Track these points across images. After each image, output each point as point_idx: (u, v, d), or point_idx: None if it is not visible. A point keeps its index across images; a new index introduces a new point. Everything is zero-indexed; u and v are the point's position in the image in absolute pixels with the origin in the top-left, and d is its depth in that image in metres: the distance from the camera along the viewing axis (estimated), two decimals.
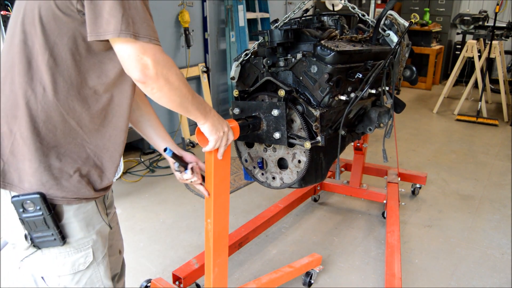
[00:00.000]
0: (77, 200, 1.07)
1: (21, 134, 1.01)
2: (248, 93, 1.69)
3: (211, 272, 1.59)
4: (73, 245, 1.09)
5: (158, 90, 1.01)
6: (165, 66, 1.00)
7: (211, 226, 1.50)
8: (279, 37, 1.57)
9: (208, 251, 1.56)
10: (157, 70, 0.98)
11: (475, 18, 5.90)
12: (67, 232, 1.07)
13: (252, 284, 2.04)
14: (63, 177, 1.05)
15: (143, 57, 0.96)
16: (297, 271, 2.24)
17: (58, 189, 1.04)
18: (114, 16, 0.92)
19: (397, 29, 2.04)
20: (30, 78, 0.99)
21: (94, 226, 1.13)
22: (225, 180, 1.48)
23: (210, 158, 1.39)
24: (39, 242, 1.05)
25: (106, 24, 0.93)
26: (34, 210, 1.01)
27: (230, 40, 4.64)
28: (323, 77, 1.53)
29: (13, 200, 1.01)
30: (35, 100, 1.00)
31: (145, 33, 0.96)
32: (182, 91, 1.06)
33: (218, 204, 1.48)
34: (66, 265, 1.10)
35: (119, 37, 0.93)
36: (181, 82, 1.05)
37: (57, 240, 1.05)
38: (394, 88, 1.94)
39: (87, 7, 0.94)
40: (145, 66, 0.96)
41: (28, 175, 1.02)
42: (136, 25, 0.94)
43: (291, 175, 1.69)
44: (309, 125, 1.56)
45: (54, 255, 1.08)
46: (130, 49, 0.95)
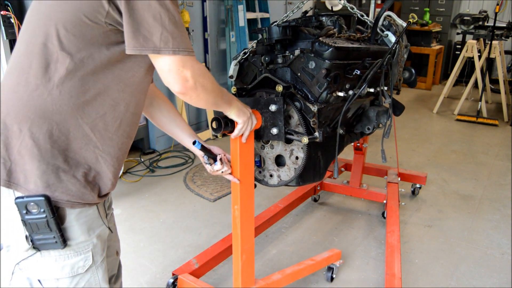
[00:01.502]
0: (80, 205, 1.07)
1: (32, 135, 1.00)
2: (246, 90, 1.69)
3: (239, 259, 1.61)
4: (73, 248, 1.09)
5: (196, 97, 1.09)
6: (201, 75, 1.06)
7: (238, 212, 1.54)
8: (277, 34, 1.57)
9: (236, 238, 1.59)
10: (196, 81, 1.04)
11: (475, 18, 5.90)
12: (68, 235, 1.07)
13: (277, 275, 2.06)
14: (70, 181, 1.05)
15: (183, 71, 1.02)
16: (319, 264, 2.28)
17: (63, 192, 1.04)
18: (153, 34, 0.96)
19: (396, 30, 2.04)
20: (47, 81, 0.99)
21: (94, 229, 1.13)
22: (250, 165, 1.56)
23: (235, 144, 1.49)
24: (39, 244, 1.04)
25: (144, 41, 0.97)
26: (37, 212, 1.01)
27: (230, 40, 4.64)
28: (320, 72, 1.53)
29: (17, 202, 1.01)
30: (51, 103, 1.00)
31: (183, 46, 1.00)
32: (215, 93, 1.16)
33: (244, 189, 1.56)
34: (65, 268, 1.09)
35: (160, 54, 0.98)
36: (214, 85, 1.14)
37: (59, 243, 1.05)
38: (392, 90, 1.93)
39: (125, 21, 0.97)
40: (185, 79, 1.02)
41: (34, 176, 1.02)
42: (175, 40, 0.98)
43: (289, 172, 1.68)
44: (307, 121, 1.56)
45: (53, 257, 1.08)
46: (171, 64, 1.00)
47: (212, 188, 3.41)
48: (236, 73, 1.82)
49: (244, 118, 1.41)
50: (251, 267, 1.70)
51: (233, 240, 1.62)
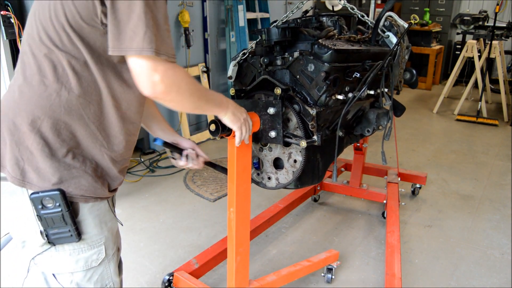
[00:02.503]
0: (93, 199, 1.11)
1: (42, 134, 1.03)
2: (244, 92, 1.69)
3: (233, 260, 1.63)
4: (87, 242, 1.12)
5: (170, 102, 1.07)
6: (175, 81, 1.03)
7: (233, 215, 1.55)
8: (276, 36, 1.57)
9: (230, 240, 1.61)
10: (166, 86, 1.01)
11: (475, 18, 5.90)
12: (82, 228, 1.10)
13: (272, 276, 2.06)
14: (83, 176, 1.08)
15: (154, 74, 0.99)
16: (315, 266, 2.27)
17: (77, 187, 1.07)
18: (137, 32, 0.95)
19: (397, 30, 2.04)
20: (55, 82, 1.03)
21: (106, 223, 1.16)
22: (247, 168, 1.56)
23: (232, 147, 1.48)
24: (55, 239, 1.07)
25: (129, 40, 0.96)
26: (53, 206, 1.04)
27: (230, 40, 4.64)
28: (320, 75, 1.53)
29: (32, 197, 1.04)
30: (59, 103, 1.03)
31: (165, 50, 0.99)
32: (195, 98, 1.12)
33: (240, 192, 1.55)
34: (80, 261, 1.12)
35: (141, 54, 0.97)
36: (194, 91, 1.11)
37: (74, 236, 1.07)
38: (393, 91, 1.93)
39: (110, 22, 0.96)
40: (154, 83, 1.00)
41: (48, 174, 1.05)
42: (158, 41, 0.97)
43: (287, 175, 1.68)
44: (306, 124, 1.56)
45: (68, 252, 1.10)
46: (143, 66, 0.99)
47: (212, 188, 3.41)
48: (235, 74, 1.82)
49: (238, 124, 1.37)
50: (246, 268, 1.72)
51: (228, 242, 1.64)
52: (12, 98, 1.06)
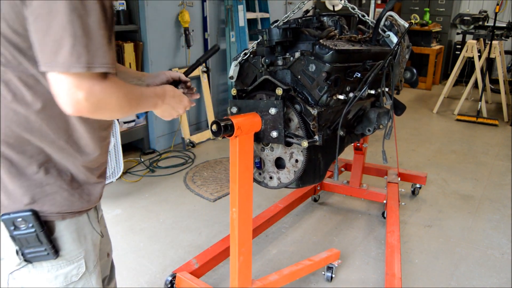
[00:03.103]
0: (70, 214, 1.05)
1: (6, 155, 0.97)
2: (246, 92, 1.69)
3: (236, 260, 1.63)
4: (65, 258, 1.06)
5: (97, 117, 0.98)
6: (102, 98, 0.91)
7: (236, 215, 1.55)
8: (277, 36, 1.57)
9: (233, 240, 1.61)
10: (91, 104, 0.89)
11: (475, 18, 5.90)
12: (59, 245, 1.05)
13: (274, 275, 2.06)
14: (57, 192, 1.02)
15: (77, 92, 0.87)
16: (317, 265, 2.27)
17: (52, 205, 1.01)
18: (62, 47, 0.83)
19: (397, 30, 2.04)
20: (11, 100, 0.94)
21: (85, 236, 1.11)
22: (249, 168, 1.56)
23: (234, 147, 1.48)
24: (31, 257, 1.02)
25: (53, 55, 0.83)
26: (26, 227, 0.98)
27: (230, 40, 4.64)
28: (321, 75, 1.53)
29: (3, 219, 0.98)
30: (17, 121, 0.95)
31: (99, 62, 0.87)
32: (125, 110, 0.99)
33: (243, 192, 1.56)
34: (59, 277, 1.07)
35: (68, 71, 0.84)
36: (125, 103, 0.98)
37: (50, 254, 1.02)
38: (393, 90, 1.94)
39: (31, 32, 0.85)
40: (77, 101, 0.88)
41: (19, 195, 0.99)
42: (89, 55, 0.85)
43: (289, 174, 1.69)
44: (307, 124, 1.56)
45: (46, 268, 1.05)
46: (66, 84, 0.86)
47: (212, 188, 3.41)
48: (236, 74, 1.82)
49: (170, 117, 1.27)
50: (248, 268, 1.72)
51: (231, 242, 1.64)
52: None
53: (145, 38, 3.83)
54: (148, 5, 3.77)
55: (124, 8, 3.72)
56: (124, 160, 3.72)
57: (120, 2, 3.69)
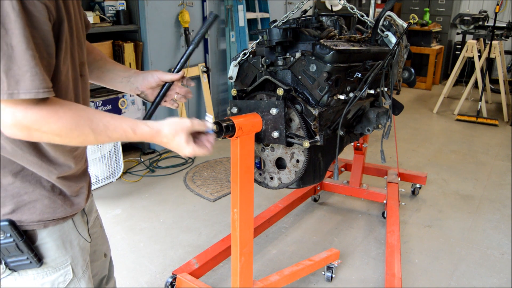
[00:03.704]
0: (54, 222, 1.02)
1: None
2: (246, 93, 1.69)
3: (237, 261, 1.63)
4: (51, 265, 1.04)
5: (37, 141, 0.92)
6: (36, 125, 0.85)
7: (237, 216, 1.56)
8: (277, 36, 1.57)
9: (235, 240, 1.62)
10: (21, 129, 0.85)
11: (475, 18, 5.90)
12: (43, 253, 1.02)
13: (275, 276, 2.07)
14: (38, 200, 0.99)
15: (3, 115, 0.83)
16: (317, 265, 2.28)
17: (32, 213, 0.99)
18: None
19: (396, 30, 2.04)
20: None
21: (71, 242, 1.08)
22: (250, 169, 1.56)
23: (235, 147, 1.48)
24: (14, 266, 1.00)
25: None
26: (4, 237, 0.96)
27: (230, 40, 4.64)
28: (322, 76, 1.53)
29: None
30: None
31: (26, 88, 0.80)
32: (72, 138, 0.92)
33: (244, 193, 1.56)
34: (46, 284, 1.05)
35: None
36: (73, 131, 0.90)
37: (33, 263, 1.00)
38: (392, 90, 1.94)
39: None
40: (5, 125, 0.84)
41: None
42: (12, 82, 0.79)
43: (289, 175, 1.69)
44: (308, 124, 1.56)
45: (31, 276, 1.03)
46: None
47: (212, 188, 3.41)
48: (235, 74, 1.82)
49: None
50: (250, 269, 1.72)
51: (232, 243, 1.64)
52: None
53: (145, 38, 3.83)
54: (148, 5, 3.77)
55: (124, 8, 3.72)
56: (124, 160, 3.72)
57: (120, 2, 3.70)
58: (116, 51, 3.68)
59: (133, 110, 3.84)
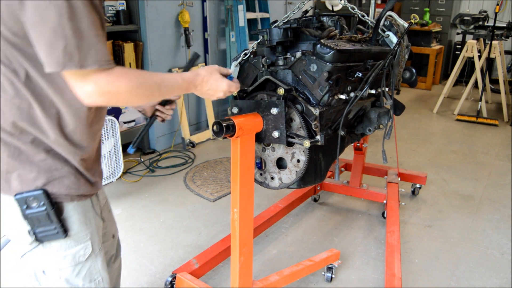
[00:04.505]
0: (77, 197, 1.14)
1: (16, 143, 1.06)
2: (247, 92, 1.69)
3: (237, 261, 1.63)
4: (73, 238, 1.14)
5: (115, 105, 1.09)
6: (111, 88, 0.99)
7: (237, 216, 1.56)
8: (278, 36, 1.57)
9: (234, 240, 1.62)
10: (101, 95, 0.99)
11: (475, 18, 5.90)
12: (68, 225, 1.13)
13: (275, 276, 2.06)
14: (65, 176, 1.11)
15: (85, 85, 0.97)
16: (317, 265, 2.28)
17: (61, 187, 1.10)
18: (56, 47, 0.91)
19: (397, 30, 2.04)
20: (14, 96, 1.02)
21: (91, 220, 1.19)
22: (250, 169, 1.56)
23: (236, 147, 1.48)
24: (42, 236, 1.10)
25: (48, 56, 0.92)
26: (37, 206, 1.07)
27: (230, 40, 4.64)
28: (322, 75, 1.53)
29: (16, 198, 1.06)
30: (20, 115, 1.04)
31: (92, 60, 0.95)
32: (143, 95, 1.08)
33: (244, 193, 1.56)
34: (67, 257, 1.15)
35: (64, 70, 0.93)
36: (141, 88, 1.05)
37: (60, 233, 1.10)
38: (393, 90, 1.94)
39: (31, 36, 0.93)
40: (88, 94, 0.98)
41: (31, 180, 1.07)
42: (82, 53, 0.93)
43: (290, 175, 1.69)
44: (309, 124, 1.56)
45: (55, 248, 1.13)
46: (73, 79, 0.97)
47: (212, 188, 3.41)
48: (236, 74, 1.82)
49: (213, 98, 1.34)
50: (249, 269, 1.72)
51: (232, 243, 1.64)
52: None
53: (145, 38, 3.82)
54: (148, 5, 3.77)
55: (124, 8, 3.72)
56: (124, 160, 3.72)
57: (120, 2, 3.69)
58: (116, 51, 3.68)
59: (133, 110, 3.84)
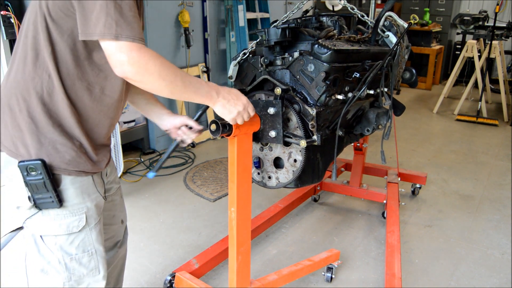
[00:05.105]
0: (76, 172, 1.23)
1: (30, 114, 1.17)
2: (245, 92, 1.69)
3: (234, 260, 1.63)
4: (69, 209, 1.24)
5: (140, 83, 1.14)
6: (141, 60, 1.10)
7: (234, 215, 1.56)
8: (276, 36, 1.57)
9: (232, 239, 1.62)
10: (133, 66, 1.09)
11: (475, 18, 5.90)
12: (64, 197, 1.22)
13: (274, 275, 2.06)
14: (67, 152, 1.20)
15: (120, 54, 1.08)
16: (317, 265, 2.27)
17: (61, 161, 1.20)
18: (99, 19, 1.06)
19: (397, 30, 2.04)
20: (38, 67, 1.16)
21: (89, 195, 1.27)
22: (247, 168, 1.57)
23: (233, 147, 1.49)
24: (39, 203, 1.20)
25: (93, 26, 1.07)
26: (36, 174, 1.17)
27: (230, 40, 4.65)
28: (319, 75, 1.53)
29: (19, 165, 1.17)
30: (41, 86, 1.16)
31: (127, 34, 1.08)
32: (166, 81, 1.16)
33: (241, 192, 1.56)
34: (62, 226, 1.24)
35: (103, 38, 1.07)
36: (164, 73, 1.14)
37: (55, 202, 1.20)
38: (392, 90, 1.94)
39: (77, 10, 1.09)
40: (121, 62, 1.09)
41: (35, 149, 1.18)
42: (119, 27, 1.07)
43: (287, 174, 1.69)
44: (306, 124, 1.56)
45: (52, 216, 1.23)
46: (110, 48, 1.09)
47: (212, 188, 3.42)
48: (235, 74, 1.82)
49: (231, 117, 1.35)
50: (247, 268, 1.72)
51: (229, 242, 1.64)
52: (6, 84, 1.22)
53: (145, 38, 3.82)
54: (148, 5, 3.77)
55: None
56: (124, 160, 3.72)
57: None
58: None
59: (133, 110, 3.84)
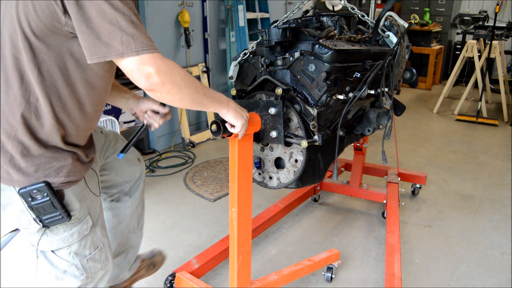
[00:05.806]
0: (74, 182, 1.23)
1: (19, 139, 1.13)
2: (245, 92, 1.69)
3: (235, 260, 1.63)
4: (76, 217, 1.24)
5: (167, 94, 1.11)
6: (167, 70, 1.08)
7: (235, 215, 1.57)
8: (277, 36, 1.57)
9: (232, 239, 1.62)
10: (161, 76, 1.07)
11: (475, 18, 5.90)
12: (70, 208, 1.22)
13: (274, 275, 2.06)
14: (64, 165, 1.19)
15: (144, 68, 1.05)
16: (317, 265, 2.27)
17: (61, 176, 1.18)
18: (113, 39, 1.01)
19: (397, 30, 2.04)
20: (24, 91, 1.10)
21: (86, 196, 1.29)
22: (248, 168, 1.57)
23: (233, 148, 1.49)
24: (48, 222, 1.19)
25: (106, 47, 1.02)
26: (42, 197, 1.15)
27: (230, 40, 4.64)
28: (320, 75, 1.53)
29: (21, 192, 1.14)
30: (29, 111, 1.11)
31: (146, 45, 1.04)
32: (191, 89, 1.15)
33: (242, 192, 1.56)
34: (74, 234, 1.25)
35: (123, 57, 1.03)
36: (188, 81, 1.14)
37: (64, 217, 1.20)
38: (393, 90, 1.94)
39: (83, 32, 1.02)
40: (148, 75, 1.06)
41: (31, 172, 1.15)
42: (137, 41, 1.03)
43: (288, 174, 1.69)
44: (307, 124, 1.56)
45: (62, 229, 1.23)
46: (132, 65, 1.05)
47: (212, 188, 3.41)
48: (236, 74, 1.82)
49: (242, 121, 1.38)
50: (248, 268, 1.72)
51: (230, 242, 1.64)
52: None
53: None
54: (148, 5, 3.77)
55: None
56: None
57: None
58: None
59: None
